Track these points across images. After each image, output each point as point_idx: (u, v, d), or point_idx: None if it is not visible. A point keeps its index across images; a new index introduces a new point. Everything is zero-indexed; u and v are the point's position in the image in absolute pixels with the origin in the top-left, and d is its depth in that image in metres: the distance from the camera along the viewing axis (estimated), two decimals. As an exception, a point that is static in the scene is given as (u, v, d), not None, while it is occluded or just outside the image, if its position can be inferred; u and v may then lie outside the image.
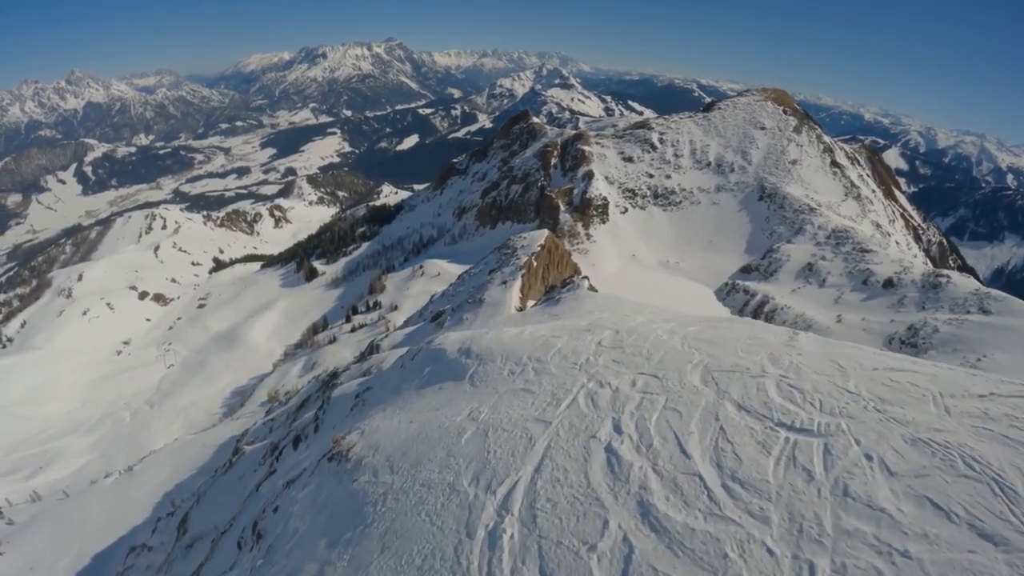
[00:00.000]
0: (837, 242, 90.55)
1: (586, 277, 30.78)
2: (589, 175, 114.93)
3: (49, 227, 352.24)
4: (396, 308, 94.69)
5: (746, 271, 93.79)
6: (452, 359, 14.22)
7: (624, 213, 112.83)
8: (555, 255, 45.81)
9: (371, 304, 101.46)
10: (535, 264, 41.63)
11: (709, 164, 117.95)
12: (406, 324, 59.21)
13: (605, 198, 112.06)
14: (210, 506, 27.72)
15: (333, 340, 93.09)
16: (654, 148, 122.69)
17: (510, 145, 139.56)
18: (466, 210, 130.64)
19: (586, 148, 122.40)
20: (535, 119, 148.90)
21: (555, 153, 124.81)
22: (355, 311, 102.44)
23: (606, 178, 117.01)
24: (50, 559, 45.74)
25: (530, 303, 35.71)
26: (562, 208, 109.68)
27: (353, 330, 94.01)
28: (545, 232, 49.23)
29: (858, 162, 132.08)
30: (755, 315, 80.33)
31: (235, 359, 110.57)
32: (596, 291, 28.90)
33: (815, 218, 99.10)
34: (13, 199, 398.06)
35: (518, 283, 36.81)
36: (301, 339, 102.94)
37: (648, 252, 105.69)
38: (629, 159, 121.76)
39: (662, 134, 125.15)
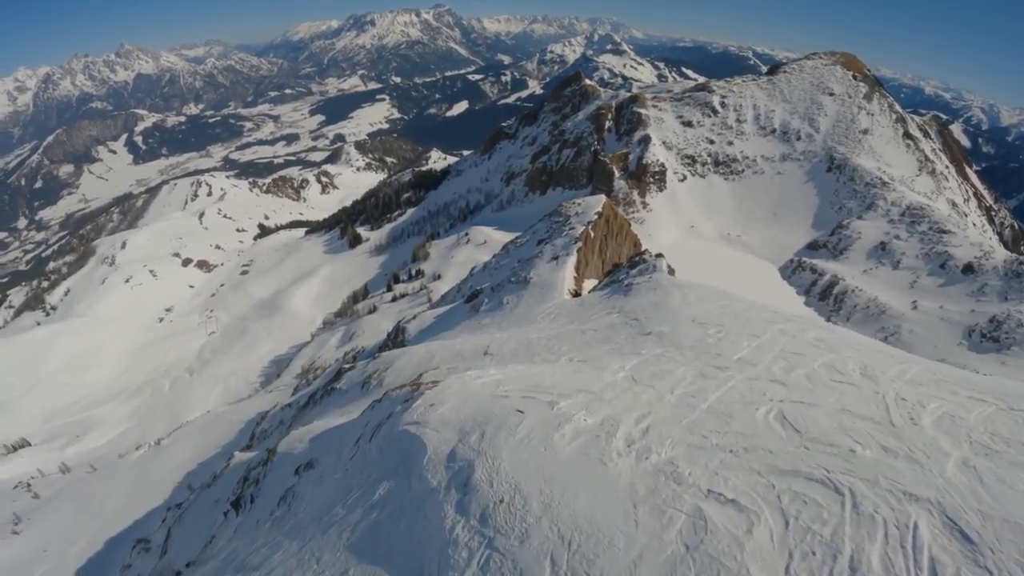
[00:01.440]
0: (912, 220, 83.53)
1: (660, 255, 24.91)
2: (646, 140, 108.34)
3: (101, 196, 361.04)
4: (439, 277, 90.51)
5: (813, 248, 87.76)
6: (428, 483, 7.91)
7: (683, 181, 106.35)
8: (614, 225, 39.80)
9: (414, 272, 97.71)
10: (592, 236, 35.47)
11: (774, 131, 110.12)
12: (443, 299, 54.43)
13: (663, 164, 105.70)
14: (187, 530, 23.83)
15: (373, 310, 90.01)
16: (715, 112, 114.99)
17: (561, 108, 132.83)
18: (515, 175, 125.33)
19: (642, 111, 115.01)
20: (588, 81, 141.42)
21: (609, 116, 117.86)
22: (397, 279, 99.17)
23: (664, 143, 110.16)
24: (64, 542, 43.72)
25: (587, 285, 30.50)
26: (616, 174, 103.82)
27: (394, 299, 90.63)
28: (602, 198, 42.71)
29: (929, 135, 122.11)
30: (823, 296, 75.97)
31: (276, 326, 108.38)
32: (674, 272, 23.06)
33: (888, 193, 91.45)
34: (65, 170, 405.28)
35: (572, 259, 31.27)
36: (341, 308, 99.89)
37: (708, 223, 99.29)
38: (688, 123, 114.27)
39: (724, 98, 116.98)
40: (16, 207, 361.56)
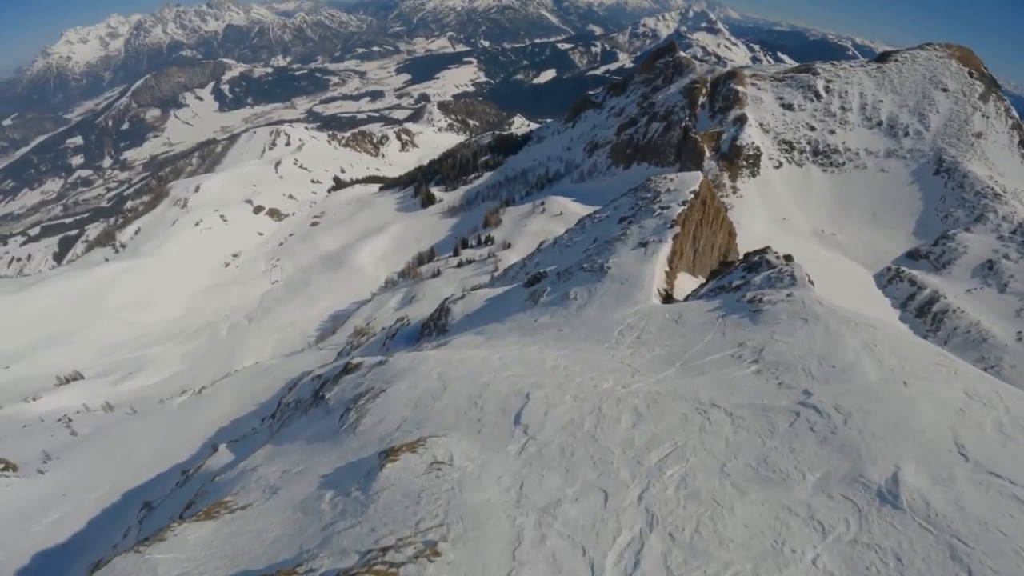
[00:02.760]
0: (1024, 240, 75.54)
1: (791, 258, 18.92)
2: (741, 119, 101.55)
3: (184, 141, 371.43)
4: (509, 246, 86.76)
5: (913, 256, 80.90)
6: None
7: (778, 168, 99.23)
8: (710, 209, 33.40)
9: (483, 239, 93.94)
10: (687, 220, 29.44)
11: (880, 123, 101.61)
12: (505, 275, 49.00)
13: (758, 148, 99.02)
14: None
15: (437, 274, 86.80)
16: (818, 97, 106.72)
17: (652, 80, 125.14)
18: (598, 146, 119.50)
19: (740, 88, 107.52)
20: (683, 53, 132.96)
21: (704, 92, 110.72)
22: (465, 244, 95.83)
23: (761, 125, 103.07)
24: (84, 488, 41.75)
25: (680, 283, 24.85)
26: (707, 154, 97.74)
27: (460, 265, 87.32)
28: (699, 175, 35.93)
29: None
30: (920, 313, 69.66)
31: (339, 281, 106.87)
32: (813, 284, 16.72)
33: (999, 206, 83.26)
34: (152, 114, 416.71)
35: (667, 249, 24.67)
36: (404, 268, 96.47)
37: (801, 217, 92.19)
38: (788, 106, 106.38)
39: (828, 82, 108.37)
40: (102, 147, 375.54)
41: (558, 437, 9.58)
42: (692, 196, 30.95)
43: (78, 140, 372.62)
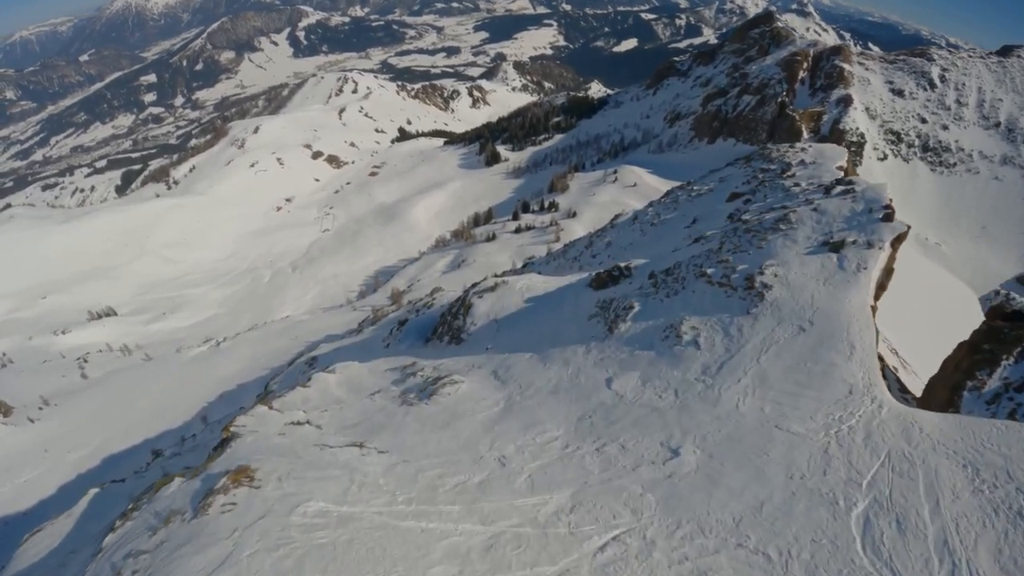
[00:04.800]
0: None
1: None
2: (846, 101, 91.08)
3: (257, 84, 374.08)
4: (575, 215, 79.62)
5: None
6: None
7: (883, 160, 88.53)
8: None
9: (547, 204, 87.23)
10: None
11: (998, 124, 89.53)
12: (568, 250, 40.56)
13: (862, 135, 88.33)
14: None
15: (492, 238, 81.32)
16: (932, 86, 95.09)
17: (745, 51, 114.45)
18: (681, 116, 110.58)
19: (846, 66, 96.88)
20: (780, 23, 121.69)
21: (805, 66, 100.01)
22: (527, 208, 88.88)
23: (867, 110, 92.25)
24: (68, 445, 38.57)
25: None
26: (805, 134, 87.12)
27: (518, 230, 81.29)
28: (843, 150, 27.68)
29: None
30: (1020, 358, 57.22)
31: (389, 236, 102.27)
32: None
33: None
34: (226, 56, 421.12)
35: (879, 265, 14.06)
36: (458, 228, 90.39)
37: (903, 219, 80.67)
38: (899, 92, 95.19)
39: (944, 70, 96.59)
40: (175, 86, 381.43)
41: None
42: (840, 172, 23.12)
43: (152, 78, 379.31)
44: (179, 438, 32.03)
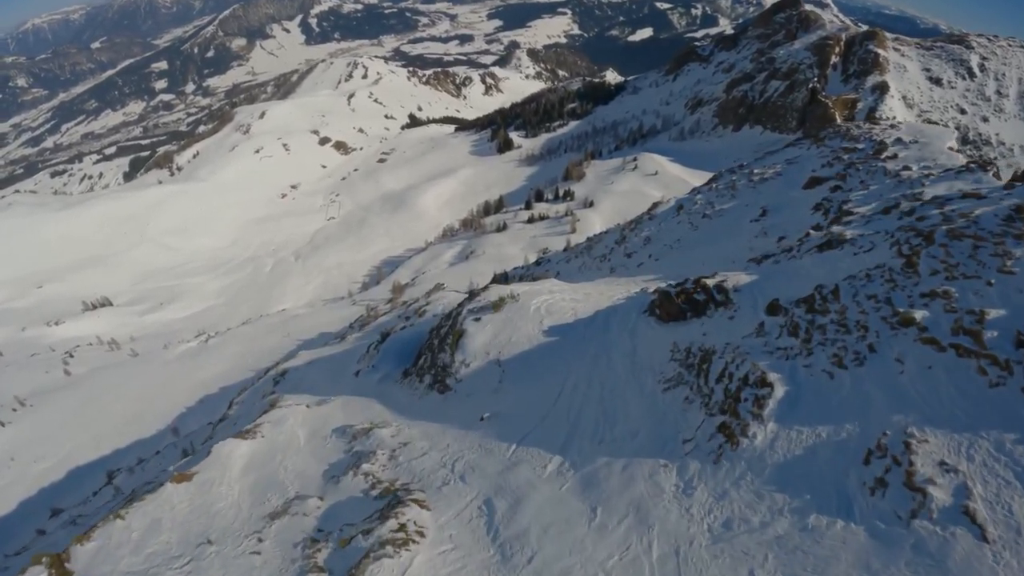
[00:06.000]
0: None
1: None
2: (882, 88, 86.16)
3: (268, 71, 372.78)
4: (591, 204, 76.69)
5: None
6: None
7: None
8: None
9: (562, 193, 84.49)
10: None
11: None
12: (590, 247, 35.84)
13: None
14: None
15: (502, 228, 78.57)
16: (971, 75, 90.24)
17: (770, 36, 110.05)
18: (703, 103, 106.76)
19: (881, 52, 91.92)
20: (808, 6, 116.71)
21: (837, 51, 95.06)
22: (540, 197, 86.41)
23: (904, 98, 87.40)
24: (35, 454, 35.55)
25: None
26: (838, 122, 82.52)
27: (530, 220, 78.66)
28: (950, 132, 26.97)
29: None
30: None
31: (397, 224, 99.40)
32: None
33: None
34: (238, 43, 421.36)
35: None
36: (467, 217, 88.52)
37: None
38: (937, 81, 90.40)
39: (984, 59, 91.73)
40: (187, 73, 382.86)
41: None
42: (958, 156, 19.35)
43: (163, 65, 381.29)
44: (136, 459, 28.74)
